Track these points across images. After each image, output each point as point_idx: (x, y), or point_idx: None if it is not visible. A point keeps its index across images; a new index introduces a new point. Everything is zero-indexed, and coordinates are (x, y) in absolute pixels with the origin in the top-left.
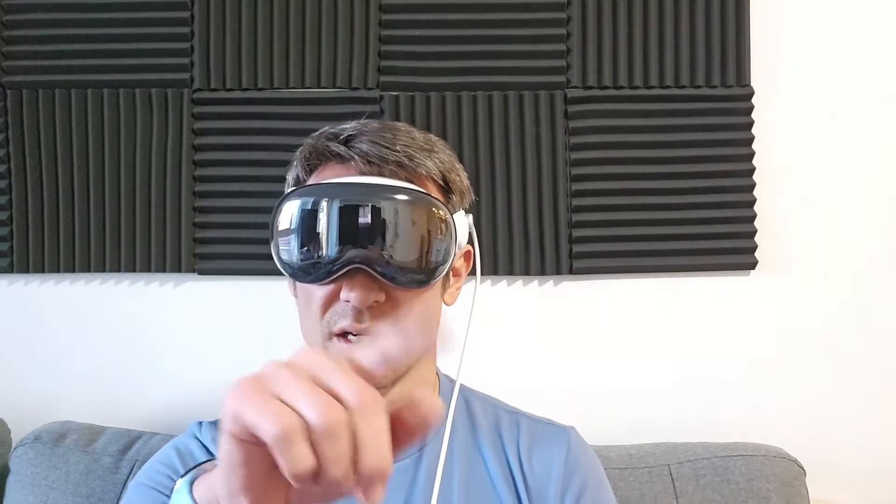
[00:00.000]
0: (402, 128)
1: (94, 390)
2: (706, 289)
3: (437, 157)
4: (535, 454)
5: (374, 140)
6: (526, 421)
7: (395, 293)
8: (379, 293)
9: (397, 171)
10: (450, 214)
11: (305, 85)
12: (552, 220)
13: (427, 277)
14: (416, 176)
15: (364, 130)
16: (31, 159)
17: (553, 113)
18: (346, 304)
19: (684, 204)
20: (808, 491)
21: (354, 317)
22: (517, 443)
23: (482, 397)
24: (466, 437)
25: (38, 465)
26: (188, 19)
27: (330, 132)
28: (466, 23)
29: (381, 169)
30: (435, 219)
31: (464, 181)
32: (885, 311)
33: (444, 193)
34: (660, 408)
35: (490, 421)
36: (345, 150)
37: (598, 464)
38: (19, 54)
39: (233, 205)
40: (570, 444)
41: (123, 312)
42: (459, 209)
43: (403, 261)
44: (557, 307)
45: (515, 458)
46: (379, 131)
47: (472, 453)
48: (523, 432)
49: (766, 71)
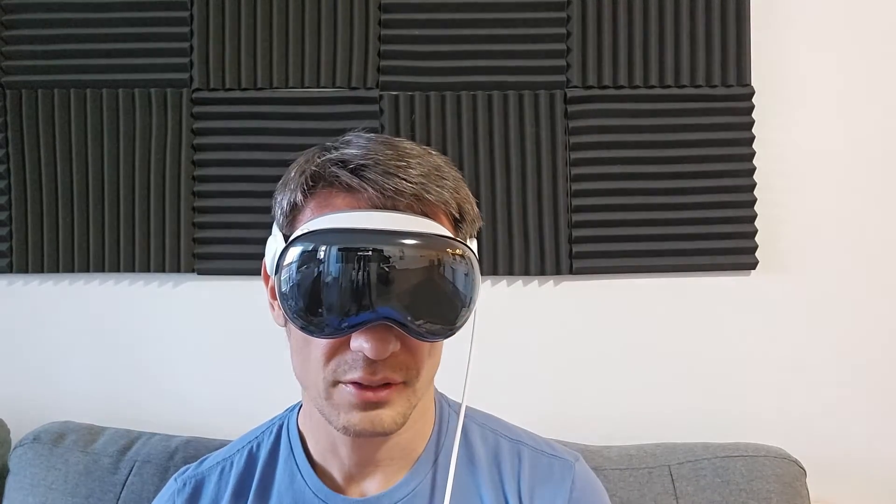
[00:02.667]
0: (413, 153)
1: (93, 390)
2: (706, 289)
3: (449, 186)
4: (538, 492)
5: (388, 171)
6: (528, 452)
7: (409, 341)
8: (395, 343)
9: (413, 205)
10: (474, 255)
11: (305, 85)
12: (552, 220)
13: (451, 328)
14: (430, 208)
15: (378, 159)
16: (30, 159)
17: (553, 113)
18: (357, 353)
19: (684, 204)
20: (808, 491)
21: (366, 368)
22: (518, 478)
23: (481, 422)
24: (464, 473)
25: (38, 465)
26: (187, 19)
27: (332, 158)
28: (466, 23)
29: (395, 202)
30: (462, 266)
31: (475, 209)
32: (886, 310)
33: (455, 224)
34: (660, 408)
35: (490, 451)
36: (358, 182)
37: (604, 497)
38: (19, 54)
39: (232, 205)
40: (575, 480)
41: (123, 312)
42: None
43: (429, 314)
44: (557, 307)
45: (515, 497)
46: (392, 159)
47: (469, 493)
48: (525, 466)
49: (766, 71)
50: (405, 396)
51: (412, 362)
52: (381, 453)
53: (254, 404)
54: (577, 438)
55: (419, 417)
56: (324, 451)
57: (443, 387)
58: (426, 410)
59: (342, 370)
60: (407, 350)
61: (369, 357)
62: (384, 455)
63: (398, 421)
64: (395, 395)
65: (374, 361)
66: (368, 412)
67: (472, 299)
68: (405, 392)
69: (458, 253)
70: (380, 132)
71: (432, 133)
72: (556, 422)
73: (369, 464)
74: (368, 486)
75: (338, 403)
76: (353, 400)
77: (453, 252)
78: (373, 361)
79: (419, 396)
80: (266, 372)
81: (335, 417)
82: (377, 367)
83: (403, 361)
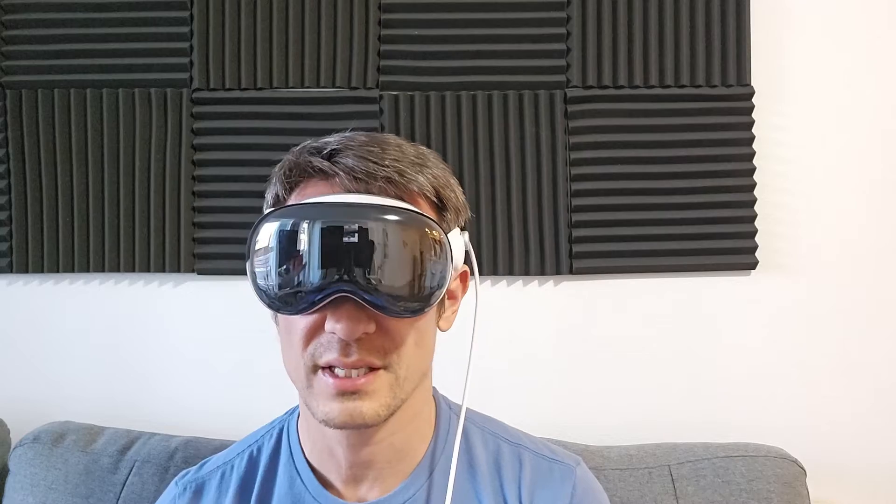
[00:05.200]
0: (391, 141)
1: (93, 390)
2: (706, 289)
3: (429, 172)
4: (538, 497)
5: (360, 154)
6: (529, 456)
7: (385, 322)
8: (368, 323)
9: (386, 188)
10: (444, 234)
11: (305, 85)
12: (552, 220)
13: (421, 305)
14: (406, 193)
15: (349, 144)
16: (30, 159)
17: (553, 113)
18: (331, 335)
19: (684, 204)
20: (808, 491)
21: (341, 350)
22: (519, 483)
23: (482, 425)
24: (463, 479)
25: (38, 465)
26: (187, 19)
27: (312, 146)
28: (466, 22)
29: (368, 186)
30: (428, 240)
31: (459, 197)
32: (886, 310)
33: (437, 211)
34: (660, 408)
35: (490, 456)
36: (328, 165)
37: (604, 502)
38: (19, 54)
39: (232, 205)
40: (576, 485)
41: (123, 312)
42: (454, 227)
43: (394, 288)
44: (557, 307)
45: (515, 502)
46: (366, 145)
47: (468, 499)
48: (526, 471)
49: (766, 71)
50: (388, 386)
51: (390, 345)
52: (375, 455)
53: (253, 404)
54: (577, 438)
55: (414, 417)
56: (321, 454)
57: (441, 387)
58: (422, 411)
59: (318, 353)
60: (384, 332)
61: (342, 338)
62: (380, 457)
63: (381, 413)
64: (375, 384)
65: (348, 343)
66: (346, 403)
67: (441, 277)
68: (387, 381)
69: (426, 228)
70: (379, 132)
71: (432, 133)
72: (555, 422)
73: (365, 466)
74: (367, 491)
75: (317, 393)
76: (330, 390)
77: (420, 227)
78: (347, 343)
79: (406, 390)
80: (266, 372)
81: (316, 408)
82: (351, 349)
83: (381, 344)
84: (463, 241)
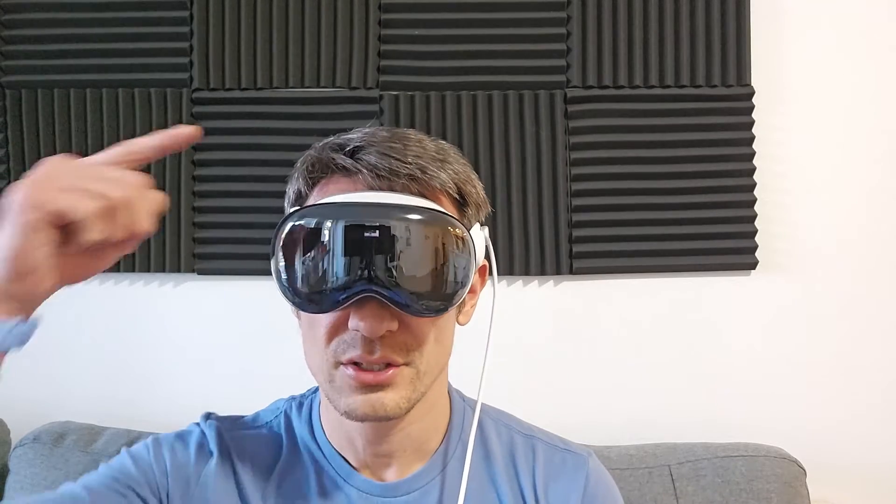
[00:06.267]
0: (412, 136)
1: (94, 390)
2: (706, 289)
3: (451, 168)
4: (552, 487)
5: (383, 151)
6: (542, 446)
7: (408, 320)
8: (391, 321)
9: (409, 186)
10: (467, 231)
11: (305, 85)
12: (552, 220)
13: (445, 304)
14: (429, 189)
15: (372, 141)
16: (30, 159)
17: (553, 113)
18: (355, 332)
19: (684, 204)
20: (808, 491)
21: (364, 347)
22: (533, 472)
23: (495, 417)
24: (480, 467)
25: (38, 465)
26: (187, 19)
27: (335, 142)
28: (466, 22)
29: (391, 183)
30: (452, 238)
31: (479, 192)
32: (886, 310)
33: (459, 207)
34: (660, 408)
35: (504, 446)
36: (351, 162)
37: (616, 493)
38: (19, 54)
39: (232, 205)
40: (589, 475)
41: (123, 312)
42: (475, 223)
43: (418, 287)
44: (557, 307)
45: (531, 490)
46: (388, 141)
47: (485, 485)
48: (539, 460)
49: (766, 71)
50: (409, 380)
51: (413, 342)
52: (394, 444)
53: (254, 405)
54: (578, 438)
55: (430, 409)
56: (340, 440)
57: None
58: (438, 402)
59: (341, 349)
60: (407, 329)
61: (365, 335)
62: (397, 446)
63: (402, 405)
64: (397, 378)
65: (371, 340)
66: (369, 395)
67: (465, 276)
68: (409, 376)
69: (450, 227)
70: None
71: (432, 133)
72: (556, 421)
73: (383, 455)
74: (385, 474)
75: (339, 386)
76: (352, 382)
77: (444, 226)
78: (370, 340)
79: (426, 383)
80: (266, 371)
81: (338, 401)
82: (375, 346)
83: (403, 341)
84: (483, 237)
